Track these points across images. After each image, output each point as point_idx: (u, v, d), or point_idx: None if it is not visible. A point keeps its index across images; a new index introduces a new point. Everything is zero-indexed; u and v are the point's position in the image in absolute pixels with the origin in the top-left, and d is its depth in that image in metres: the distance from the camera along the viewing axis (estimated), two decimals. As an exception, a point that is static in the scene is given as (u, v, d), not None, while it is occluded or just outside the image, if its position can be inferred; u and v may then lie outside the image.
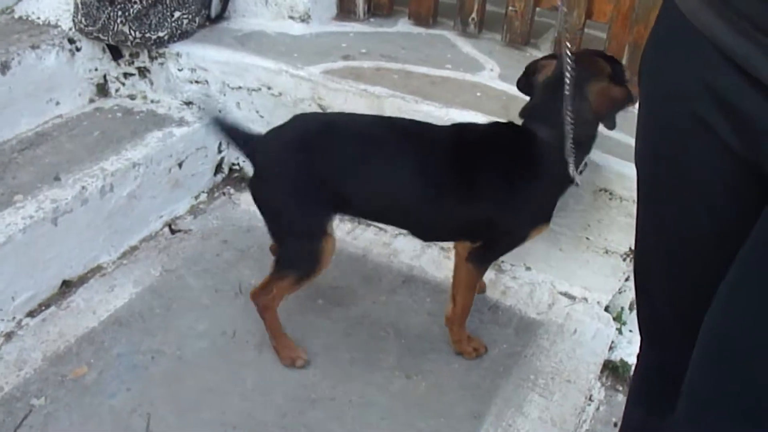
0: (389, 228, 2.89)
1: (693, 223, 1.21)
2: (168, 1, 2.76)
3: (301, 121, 2.11)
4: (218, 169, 3.12)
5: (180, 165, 2.88)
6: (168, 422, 2.12)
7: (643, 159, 1.35)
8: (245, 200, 3.07)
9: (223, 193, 3.10)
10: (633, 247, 2.21)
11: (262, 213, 2.12)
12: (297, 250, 2.10)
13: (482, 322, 2.52)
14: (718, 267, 1.15)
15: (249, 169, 3.11)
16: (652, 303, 1.51)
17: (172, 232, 2.85)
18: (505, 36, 3.23)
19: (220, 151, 3.09)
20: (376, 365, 2.33)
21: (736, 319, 1.08)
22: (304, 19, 3.19)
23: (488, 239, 2.10)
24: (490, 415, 2.17)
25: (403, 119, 2.14)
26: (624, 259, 2.59)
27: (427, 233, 2.22)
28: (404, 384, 2.28)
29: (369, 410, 2.18)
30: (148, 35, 2.79)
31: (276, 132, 2.08)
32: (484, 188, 2.00)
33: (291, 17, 3.18)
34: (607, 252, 2.58)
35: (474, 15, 3.21)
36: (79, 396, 2.15)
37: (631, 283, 2.34)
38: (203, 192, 3.06)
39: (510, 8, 3.11)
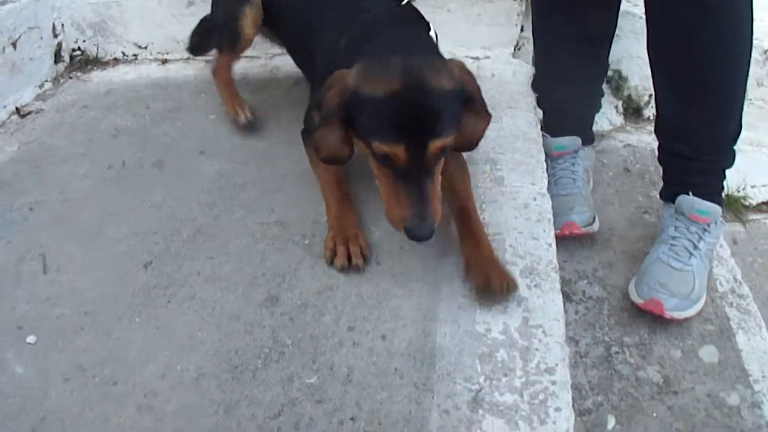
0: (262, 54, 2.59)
1: None
2: None
3: None
4: (58, 57, 2.68)
5: (14, 45, 2.44)
6: (69, 254, 1.71)
7: None
8: (97, 75, 2.66)
9: (70, 77, 2.67)
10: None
11: None
12: (222, 24, 2.17)
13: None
14: None
15: (92, 50, 2.73)
16: None
17: (21, 115, 2.40)
18: None
19: (55, 36, 2.67)
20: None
21: None
22: None
23: None
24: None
25: None
26: (516, -1, 2.42)
27: None
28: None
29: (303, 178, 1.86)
30: None
31: None
32: None
33: None
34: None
35: None
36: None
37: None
38: (47, 81, 2.62)
39: None
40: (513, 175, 1.80)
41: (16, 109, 2.42)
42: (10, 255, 1.72)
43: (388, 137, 1.35)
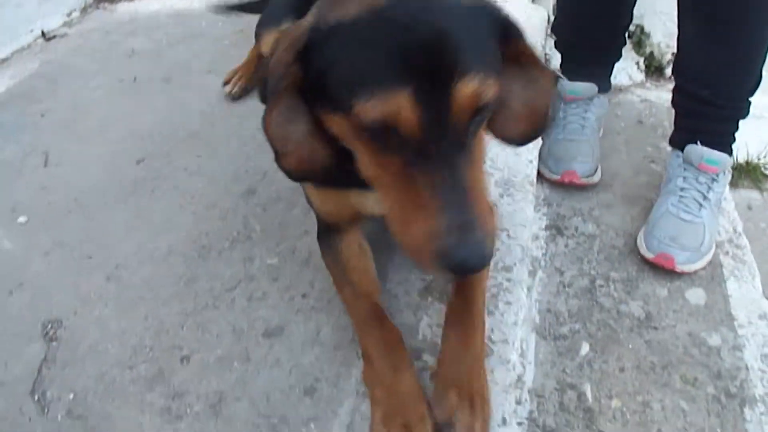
0: None
1: None
2: None
3: None
4: (88, -13, 2.77)
5: (42, -32, 2.53)
6: (70, 151, 1.79)
7: None
8: (123, 6, 2.74)
9: (98, 8, 2.76)
10: None
11: None
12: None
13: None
14: None
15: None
16: None
17: (46, 39, 2.49)
18: None
19: (86, -33, 2.75)
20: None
21: None
22: None
23: None
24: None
25: None
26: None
27: None
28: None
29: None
30: None
31: None
32: None
33: None
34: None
35: None
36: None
37: None
38: (74, 10, 2.71)
39: None
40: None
41: (42, 33, 2.50)
42: (16, 152, 1.80)
43: (381, 84, 0.79)
